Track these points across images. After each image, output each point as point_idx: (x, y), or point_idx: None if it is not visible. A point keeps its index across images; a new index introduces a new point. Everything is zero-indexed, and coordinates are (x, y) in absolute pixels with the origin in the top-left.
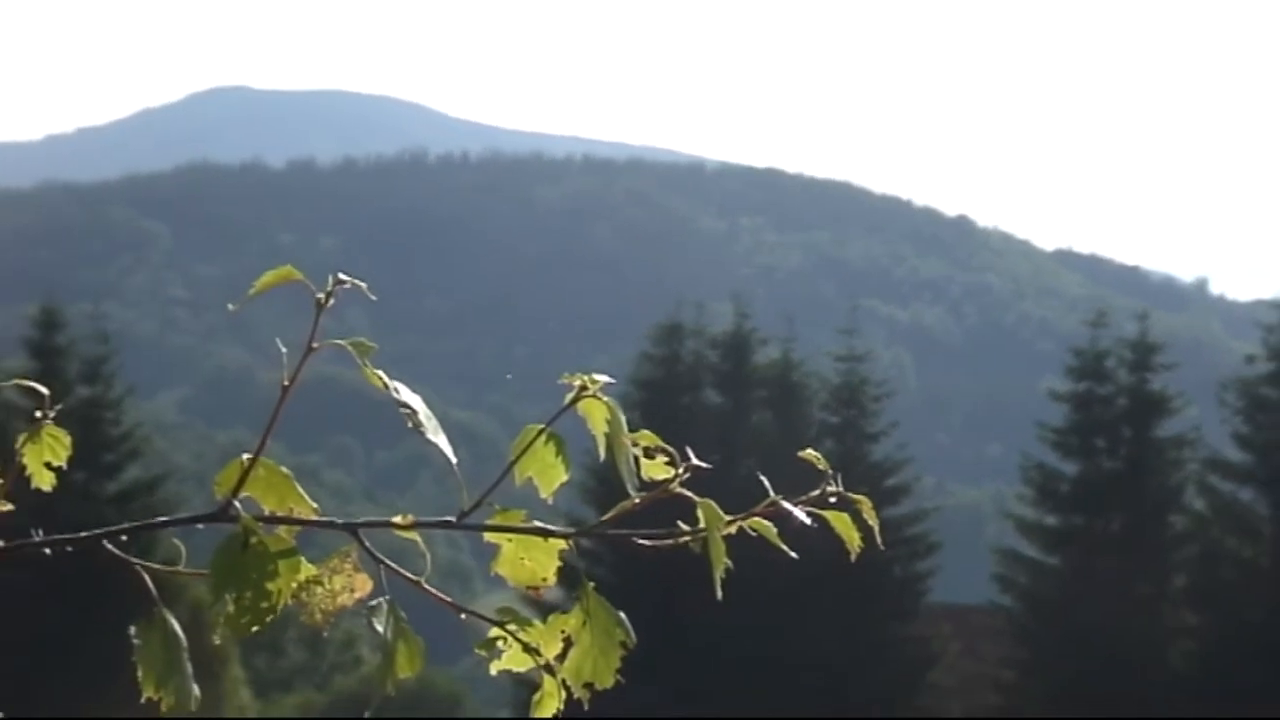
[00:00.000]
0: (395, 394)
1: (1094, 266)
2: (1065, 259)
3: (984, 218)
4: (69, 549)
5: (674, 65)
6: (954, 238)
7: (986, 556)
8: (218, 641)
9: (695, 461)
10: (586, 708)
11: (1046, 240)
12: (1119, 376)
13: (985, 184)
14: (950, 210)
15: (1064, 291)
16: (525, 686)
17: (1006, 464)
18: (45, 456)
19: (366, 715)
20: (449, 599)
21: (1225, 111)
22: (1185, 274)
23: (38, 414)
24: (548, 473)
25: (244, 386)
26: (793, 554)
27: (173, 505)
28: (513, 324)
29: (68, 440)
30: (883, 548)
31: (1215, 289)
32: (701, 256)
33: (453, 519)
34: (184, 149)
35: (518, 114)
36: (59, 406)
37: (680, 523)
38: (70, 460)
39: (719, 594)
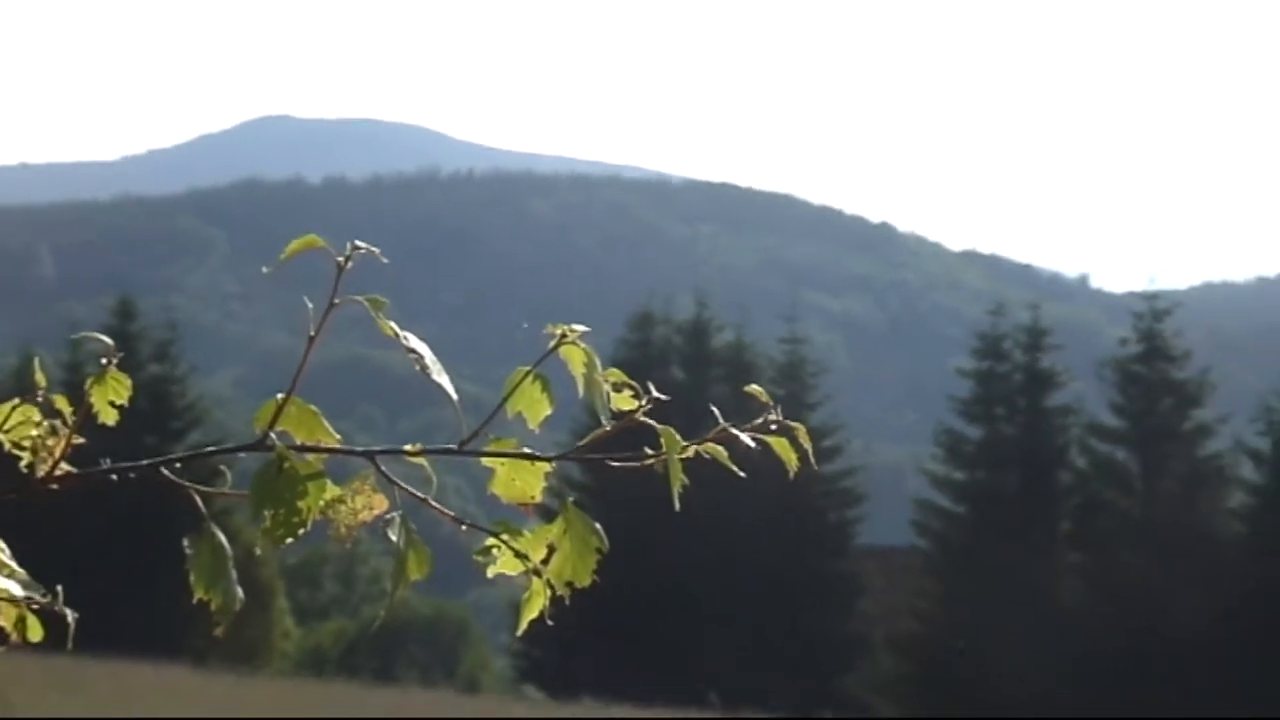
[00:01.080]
0: (405, 341)
1: (993, 265)
2: (970, 258)
3: (903, 224)
4: (131, 475)
5: (645, 94)
6: (878, 241)
7: (906, 506)
8: (258, 552)
9: (655, 394)
10: (568, 602)
11: (954, 242)
12: (1015, 356)
13: (904, 195)
14: (875, 218)
15: (969, 285)
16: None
17: (922, 429)
18: (109, 396)
19: (381, 613)
20: (451, 513)
21: (1101, 131)
22: (1070, 270)
23: (104, 361)
24: (534, 407)
25: (288, 365)
26: (741, 473)
27: (228, 463)
28: (513, 313)
29: (129, 383)
30: (815, 466)
31: (1095, 283)
32: (668, 258)
33: (454, 447)
34: (237, 168)
35: (514, 137)
36: (121, 354)
37: (647, 448)
38: (144, 425)
39: (676, 506)
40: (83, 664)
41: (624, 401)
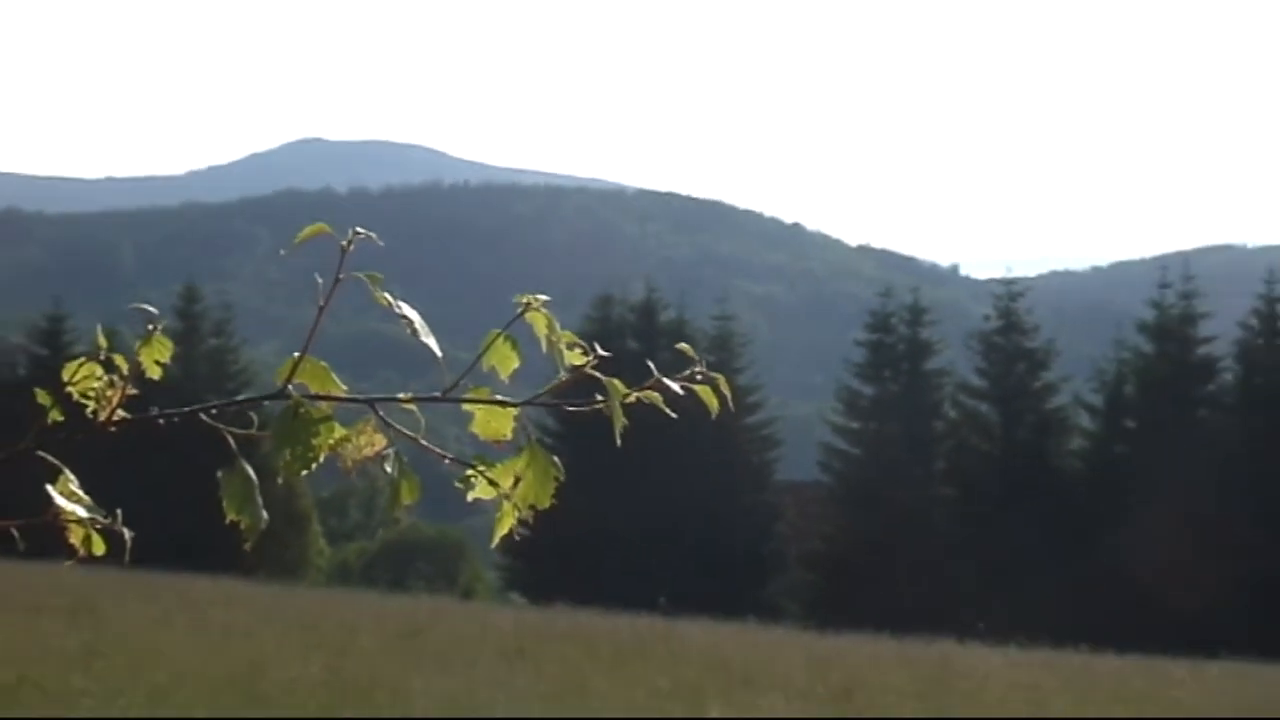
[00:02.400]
0: (398, 308)
1: (883, 256)
2: (865, 251)
3: (810, 223)
4: (175, 419)
5: (607, 119)
6: (791, 237)
7: (814, 449)
8: (280, 481)
9: (601, 352)
10: (530, 522)
11: (852, 238)
12: (899, 330)
13: (812, 199)
14: (788, 219)
15: (863, 274)
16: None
17: (827, 389)
18: (155, 356)
19: (380, 532)
20: (438, 449)
21: (969, 144)
22: (944, 261)
23: (150, 327)
24: (505, 362)
25: (321, 340)
26: (673, 415)
27: (256, 410)
28: (500, 295)
29: (170, 344)
30: (732, 410)
31: (963, 271)
32: (624, 252)
33: (439, 395)
34: (280, 180)
35: (501, 154)
36: (164, 323)
37: (598, 395)
38: (206, 386)
39: (618, 441)
40: (155, 576)
41: (576, 358)
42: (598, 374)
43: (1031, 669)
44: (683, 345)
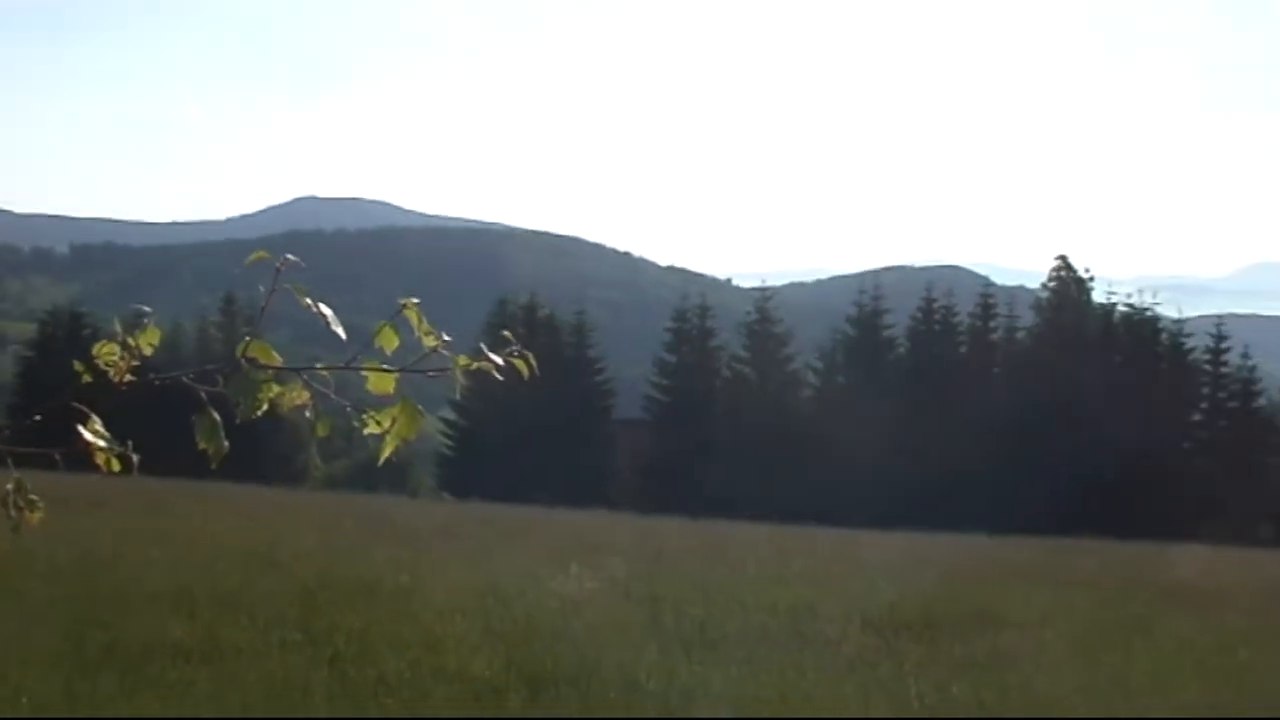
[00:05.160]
0: (317, 309)
1: (683, 272)
2: (671, 269)
3: (636, 250)
4: (167, 381)
5: (510, 175)
6: (624, 260)
7: (640, 399)
8: (238, 421)
9: (445, 338)
10: (402, 449)
11: (662, 260)
12: (693, 321)
13: (638, 232)
14: (622, 247)
15: (671, 284)
16: (446, 469)
17: (648, 359)
18: (149, 339)
19: (314, 452)
20: (347, 403)
21: (740, 189)
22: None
23: (144, 320)
24: (388, 343)
25: (316, 333)
26: (500, 377)
27: (224, 374)
28: (433, 306)
29: (159, 331)
30: (537, 375)
31: (735, 282)
32: (517, 276)
33: (342, 364)
34: (288, 224)
35: (438, 204)
36: (155, 317)
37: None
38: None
39: (456, 395)
40: (208, 484)
41: (430, 339)
42: (446, 352)
43: (784, 538)
44: (505, 333)
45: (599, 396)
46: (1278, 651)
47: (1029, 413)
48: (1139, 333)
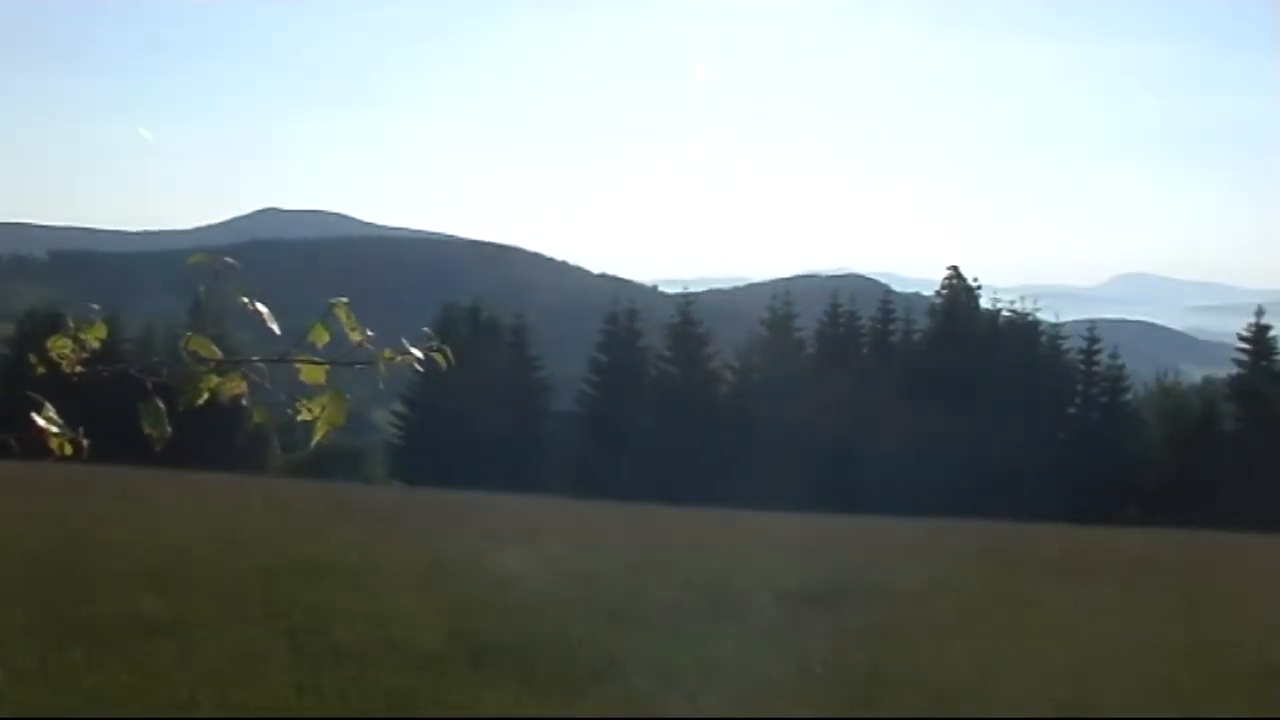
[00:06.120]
0: (256, 308)
1: (614, 279)
2: (603, 277)
3: (572, 259)
4: (112, 371)
5: (459, 184)
6: (560, 268)
7: (575, 393)
8: (180, 409)
9: (369, 333)
10: (330, 436)
11: (595, 267)
12: (623, 324)
13: (574, 242)
14: (560, 257)
15: (603, 290)
16: (396, 456)
17: (582, 358)
18: (96, 334)
19: (275, 439)
20: (282, 394)
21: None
22: (648, 280)
23: (94, 318)
24: (320, 338)
25: (277, 337)
26: (420, 369)
27: (170, 365)
28: (387, 315)
29: (105, 326)
30: (453, 364)
31: (660, 288)
32: (464, 283)
33: (276, 358)
34: (251, 233)
35: (385, 215)
36: (105, 316)
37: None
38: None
39: (381, 386)
40: (182, 474)
41: (356, 335)
42: (369, 346)
43: (704, 519)
44: (425, 329)
45: (537, 392)
46: (1141, 618)
47: (924, 407)
48: (1021, 335)
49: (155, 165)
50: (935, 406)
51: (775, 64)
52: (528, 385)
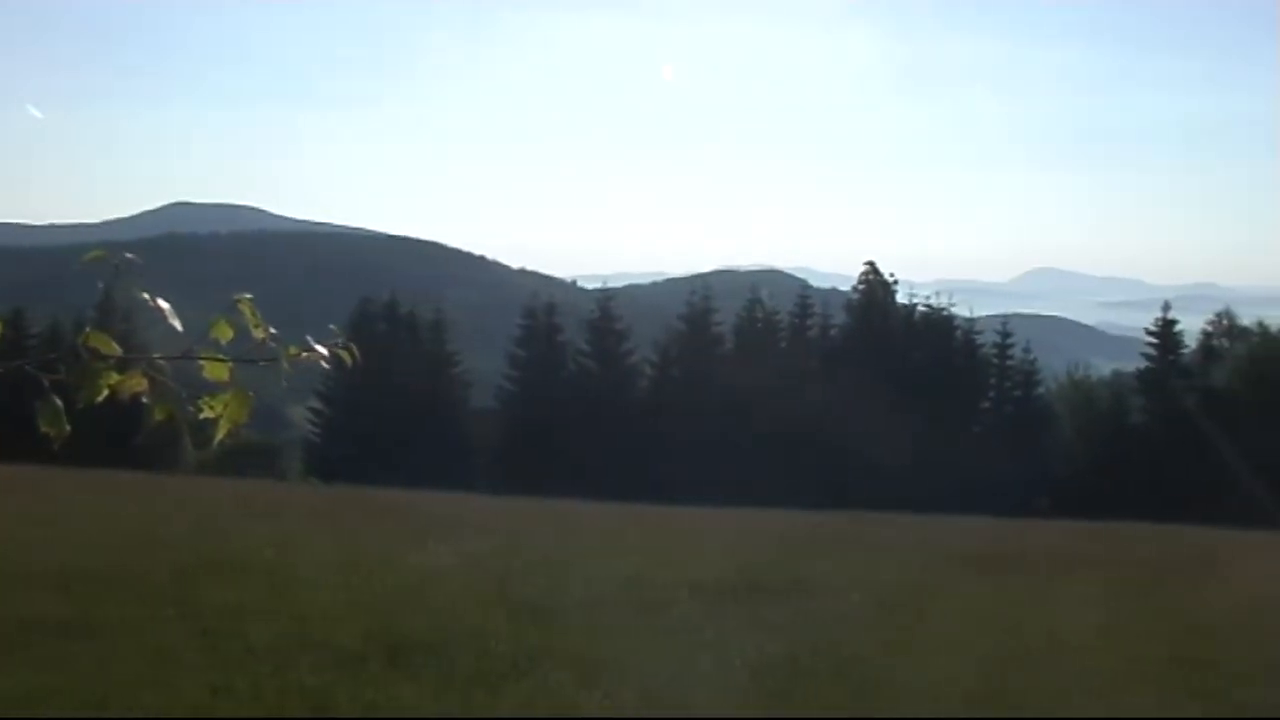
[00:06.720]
0: (158, 304)
1: (536, 275)
2: (523, 272)
3: (490, 253)
4: (10, 369)
5: (376, 179)
6: (479, 264)
7: (493, 388)
8: (79, 406)
9: (273, 331)
10: (237, 430)
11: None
12: (542, 320)
13: (493, 238)
14: (478, 252)
15: (522, 285)
16: (311, 450)
17: (501, 354)
18: None
19: (186, 437)
20: (183, 392)
21: (584, 200)
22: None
23: None
24: (223, 334)
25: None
26: (327, 365)
27: (67, 363)
28: (302, 310)
29: (1, 326)
30: (359, 362)
31: (579, 283)
32: (382, 278)
33: (179, 354)
34: (164, 226)
35: (306, 210)
36: (6, 317)
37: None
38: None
39: (284, 384)
40: (63, 471)
41: (259, 332)
42: (273, 344)
43: (622, 514)
44: (332, 326)
45: (456, 387)
46: (1053, 607)
47: (841, 401)
48: (936, 330)
49: (56, 159)
50: (852, 399)
51: (692, 60)
52: (446, 380)
